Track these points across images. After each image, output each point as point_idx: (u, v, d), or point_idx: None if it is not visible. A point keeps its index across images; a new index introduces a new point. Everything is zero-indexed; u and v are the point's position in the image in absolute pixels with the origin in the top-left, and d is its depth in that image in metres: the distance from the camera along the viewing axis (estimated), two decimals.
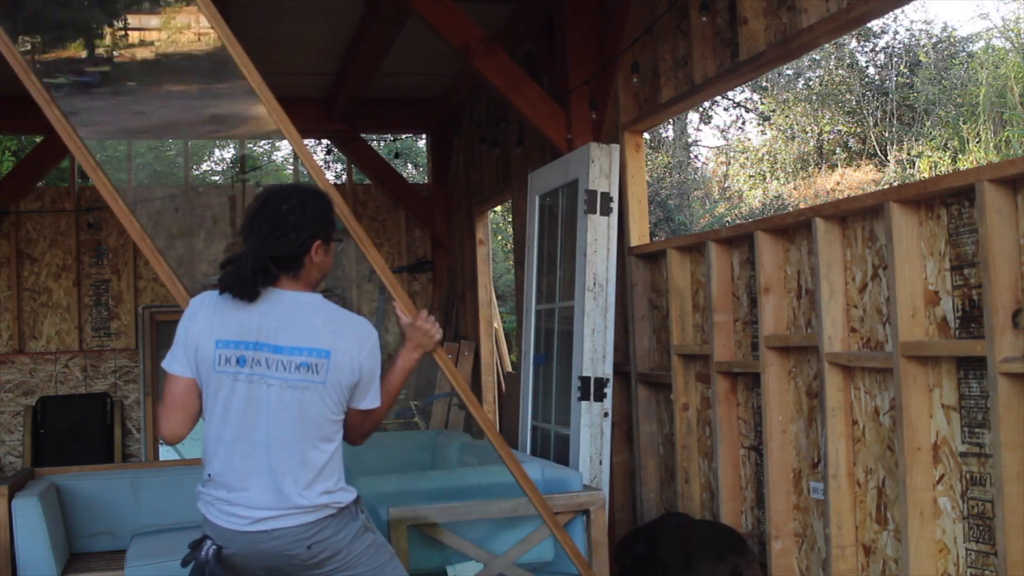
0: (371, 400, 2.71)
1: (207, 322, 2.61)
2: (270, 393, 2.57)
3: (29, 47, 6.08)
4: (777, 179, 15.90)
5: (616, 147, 4.96)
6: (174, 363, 2.63)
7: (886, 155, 14.55)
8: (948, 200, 3.09)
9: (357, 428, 2.76)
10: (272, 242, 2.59)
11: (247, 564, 2.61)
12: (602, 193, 4.85)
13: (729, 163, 17.28)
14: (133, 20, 6.59)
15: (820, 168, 15.42)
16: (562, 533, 3.54)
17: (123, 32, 6.70)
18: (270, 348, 2.57)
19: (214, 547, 2.59)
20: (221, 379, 2.58)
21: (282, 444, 2.57)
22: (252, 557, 2.59)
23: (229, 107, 7.25)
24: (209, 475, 2.62)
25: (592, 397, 4.74)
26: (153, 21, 7.03)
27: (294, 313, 2.61)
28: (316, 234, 2.62)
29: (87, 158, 3.07)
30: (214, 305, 2.63)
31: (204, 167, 17.40)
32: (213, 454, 2.61)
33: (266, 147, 16.31)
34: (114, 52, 6.82)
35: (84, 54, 6.61)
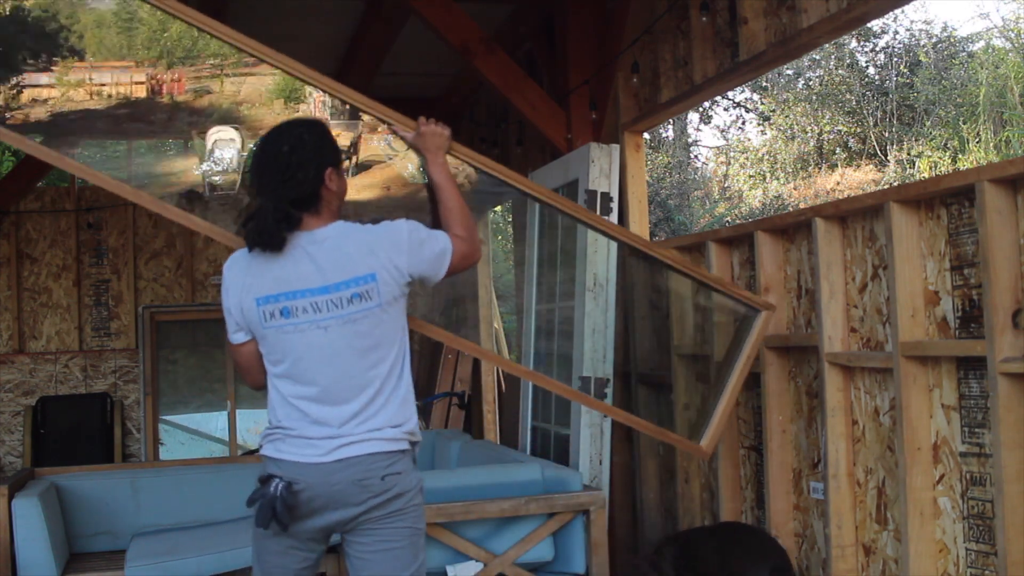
0: (443, 264, 2.67)
1: (242, 284, 2.61)
2: (329, 335, 2.54)
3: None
4: (777, 179, 15.90)
5: (616, 147, 4.96)
6: (231, 334, 2.68)
7: (886, 155, 14.56)
8: (948, 200, 3.09)
9: (462, 247, 2.71)
10: (285, 187, 2.56)
11: (314, 503, 2.54)
12: (602, 193, 4.85)
13: (729, 163, 17.29)
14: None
15: (820, 168, 15.43)
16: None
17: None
18: (313, 292, 2.54)
19: (283, 483, 2.52)
20: (271, 334, 2.58)
21: (353, 381, 2.55)
22: (322, 493, 2.53)
23: None
24: (288, 429, 2.60)
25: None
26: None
27: (327, 249, 2.57)
28: (324, 163, 2.60)
29: (84, 170, 3.07)
30: (245, 266, 2.63)
31: (204, 167, 17.40)
32: (283, 414, 2.60)
33: None
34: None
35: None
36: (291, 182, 2.56)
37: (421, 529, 2.66)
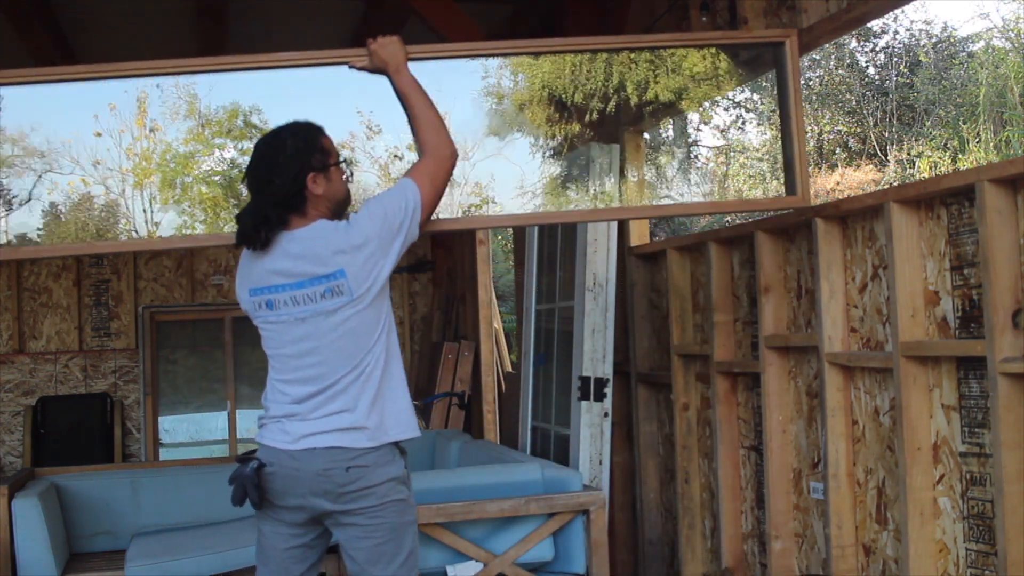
0: (416, 213, 2.75)
1: (241, 276, 2.84)
2: (306, 326, 2.70)
3: None
4: (777, 179, 15.88)
5: (616, 147, 4.96)
6: (249, 315, 2.88)
7: (886, 155, 14.56)
8: (948, 200, 3.09)
9: (429, 166, 2.81)
10: (265, 190, 2.72)
11: (287, 487, 2.69)
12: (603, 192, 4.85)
13: (729, 163, 17.28)
14: None
15: (820, 168, 15.42)
16: None
17: None
18: (291, 286, 2.70)
19: (257, 463, 2.71)
20: (260, 324, 2.81)
21: (326, 369, 2.69)
22: (292, 478, 2.68)
23: None
24: (267, 410, 2.79)
25: (592, 397, 4.74)
26: None
27: (303, 247, 2.71)
28: (304, 168, 2.72)
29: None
30: (245, 260, 2.83)
31: (205, 167, 17.39)
32: (270, 397, 2.79)
33: None
34: None
35: None
36: (271, 186, 2.71)
37: (406, 522, 2.74)
